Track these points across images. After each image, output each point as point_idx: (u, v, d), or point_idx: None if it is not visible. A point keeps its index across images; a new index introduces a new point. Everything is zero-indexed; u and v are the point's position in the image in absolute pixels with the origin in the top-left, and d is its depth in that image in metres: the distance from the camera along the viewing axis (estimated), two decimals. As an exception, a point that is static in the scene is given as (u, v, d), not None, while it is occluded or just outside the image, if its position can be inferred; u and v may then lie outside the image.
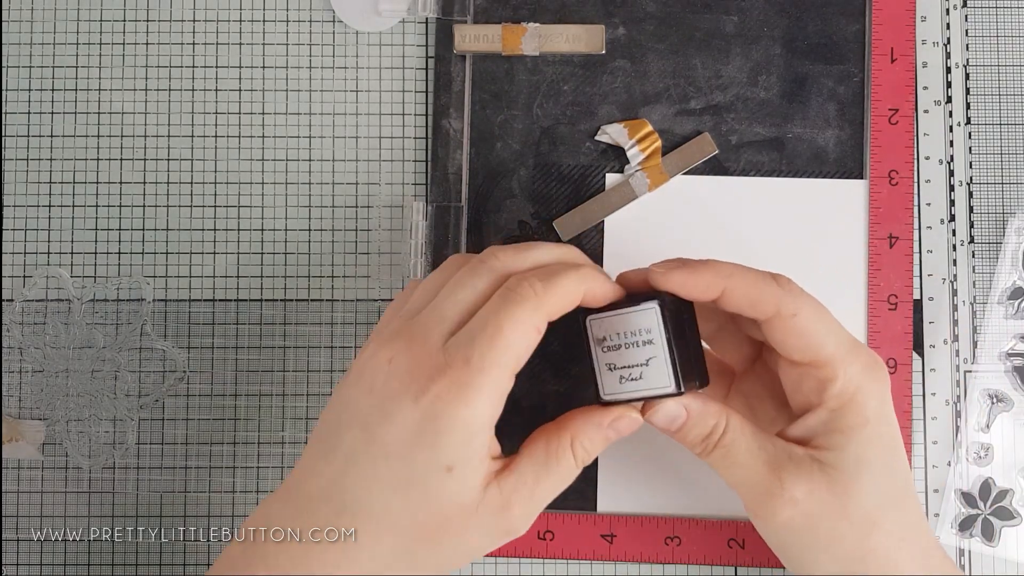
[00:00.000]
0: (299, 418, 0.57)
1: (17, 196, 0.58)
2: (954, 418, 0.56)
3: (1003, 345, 0.56)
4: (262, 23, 0.58)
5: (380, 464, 0.43)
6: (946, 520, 0.55)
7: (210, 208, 0.58)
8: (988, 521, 0.55)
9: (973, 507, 0.55)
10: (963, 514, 0.55)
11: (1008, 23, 0.57)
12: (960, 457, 0.56)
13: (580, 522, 0.55)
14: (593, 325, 0.46)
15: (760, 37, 0.57)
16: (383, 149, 0.58)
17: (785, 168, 0.57)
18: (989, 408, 0.56)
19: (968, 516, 0.55)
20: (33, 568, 0.56)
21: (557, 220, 0.57)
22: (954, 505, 0.55)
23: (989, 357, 0.56)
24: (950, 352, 0.56)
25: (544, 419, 0.56)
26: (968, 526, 0.55)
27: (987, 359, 0.56)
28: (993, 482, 0.55)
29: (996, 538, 0.55)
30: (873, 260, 0.56)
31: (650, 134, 0.57)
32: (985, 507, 0.55)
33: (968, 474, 0.56)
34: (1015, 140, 0.57)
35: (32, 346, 0.57)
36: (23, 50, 0.58)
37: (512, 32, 0.57)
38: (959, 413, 0.56)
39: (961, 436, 0.56)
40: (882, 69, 0.57)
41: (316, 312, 0.57)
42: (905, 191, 0.56)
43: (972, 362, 0.56)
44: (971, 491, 0.55)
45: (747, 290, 0.45)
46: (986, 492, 0.55)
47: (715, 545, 0.55)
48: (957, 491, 0.55)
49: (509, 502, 0.45)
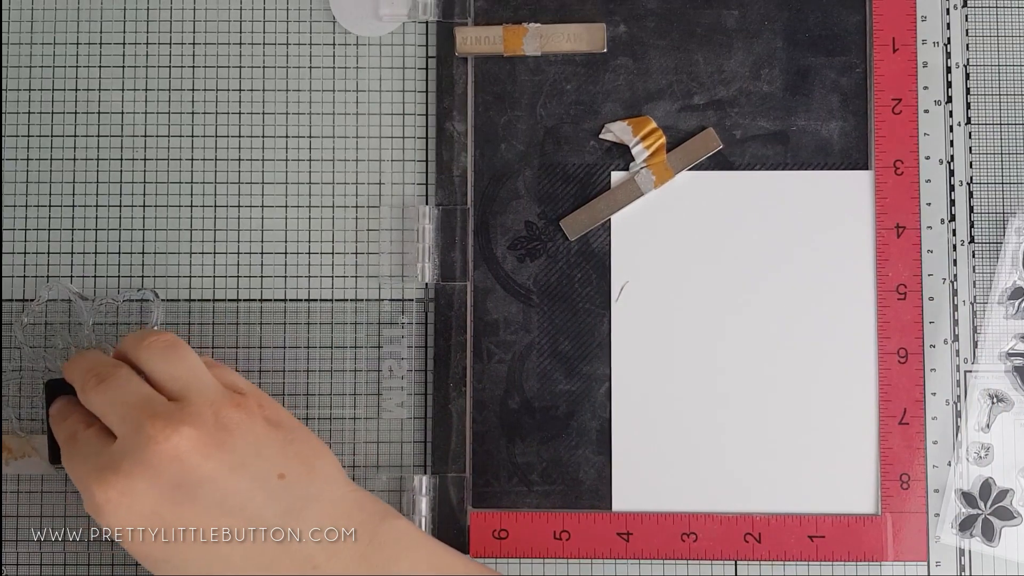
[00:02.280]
0: (299, 418, 0.56)
1: (17, 196, 0.57)
2: (954, 418, 0.56)
3: (1003, 345, 0.56)
4: (262, 23, 0.58)
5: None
6: (946, 520, 0.55)
7: (210, 208, 0.58)
8: (988, 521, 0.55)
9: (973, 507, 0.55)
10: (963, 514, 0.55)
11: (1008, 23, 0.57)
12: (960, 457, 0.56)
13: (596, 521, 0.55)
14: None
15: (761, 31, 0.57)
16: (384, 150, 0.58)
17: (790, 161, 0.57)
18: (989, 408, 0.56)
19: (968, 516, 0.55)
20: (33, 568, 0.56)
21: (563, 220, 0.57)
22: (954, 505, 0.55)
23: (989, 357, 0.56)
24: (950, 352, 0.56)
25: (556, 419, 0.56)
26: (968, 526, 0.55)
27: (987, 359, 0.56)
28: (993, 482, 0.56)
29: (996, 538, 0.55)
30: (881, 250, 0.56)
31: (654, 131, 0.57)
32: (985, 507, 0.55)
33: (968, 474, 0.56)
34: (1015, 140, 0.57)
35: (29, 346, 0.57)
36: (23, 50, 0.58)
37: (513, 33, 0.57)
38: (959, 413, 0.56)
39: (961, 436, 0.56)
40: (884, 59, 0.57)
41: (316, 312, 0.57)
42: (911, 181, 0.56)
43: (972, 362, 0.56)
44: (971, 491, 0.56)
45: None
46: (986, 492, 0.56)
47: (732, 540, 0.55)
48: (957, 491, 0.56)
49: None
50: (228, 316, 0.57)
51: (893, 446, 0.55)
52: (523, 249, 0.57)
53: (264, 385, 0.57)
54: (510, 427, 0.56)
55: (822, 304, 0.56)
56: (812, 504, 0.55)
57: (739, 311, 0.56)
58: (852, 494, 0.55)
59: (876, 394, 0.56)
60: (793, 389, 0.56)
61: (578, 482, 0.56)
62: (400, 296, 0.57)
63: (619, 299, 0.56)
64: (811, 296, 0.56)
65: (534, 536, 0.55)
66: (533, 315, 0.57)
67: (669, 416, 0.56)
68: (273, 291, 0.57)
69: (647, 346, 0.56)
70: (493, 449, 0.56)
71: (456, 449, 0.56)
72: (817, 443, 0.56)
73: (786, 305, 0.56)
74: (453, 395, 0.56)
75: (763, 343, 0.56)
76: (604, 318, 0.56)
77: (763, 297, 0.56)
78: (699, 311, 0.56)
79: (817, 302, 0.56)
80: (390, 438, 0.57)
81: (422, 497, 0.56)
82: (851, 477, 0.56)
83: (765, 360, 0.56)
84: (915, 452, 0.56)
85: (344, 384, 0.57)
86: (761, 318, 0.56)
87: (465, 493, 0.56)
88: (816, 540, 0.55)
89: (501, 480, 0.56)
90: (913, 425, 0.55)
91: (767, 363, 0.56)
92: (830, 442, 0.56)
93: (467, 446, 0.56)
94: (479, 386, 0.57)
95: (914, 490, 0.55)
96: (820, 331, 0.56)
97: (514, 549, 0.55)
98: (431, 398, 0.57)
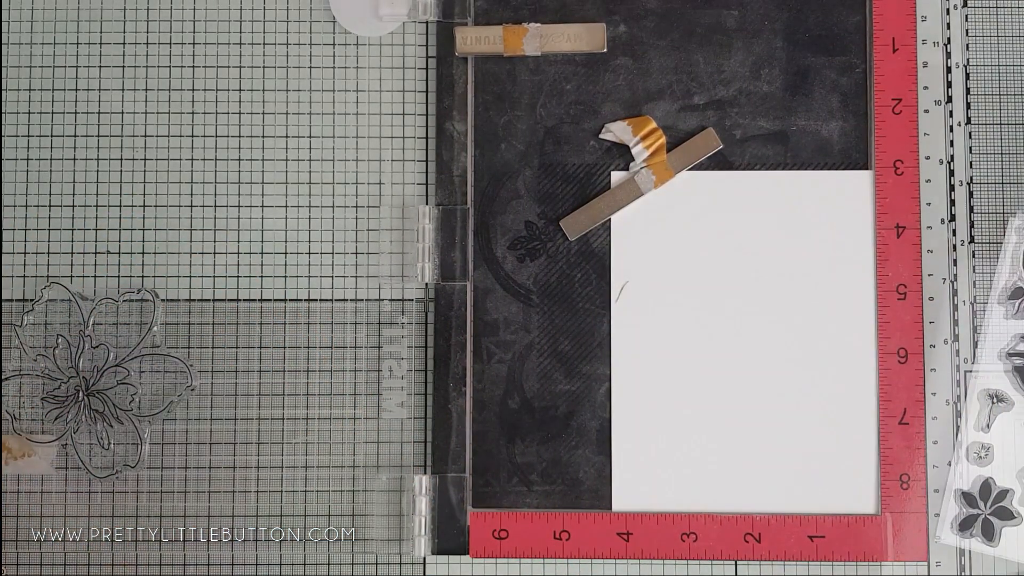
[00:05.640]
0: (299, 418, 0.57)
1: (17, 196, 0.58)
2: (954, 418, 0.56)
3: (1003, 345, 0.56)
4: (262, 23, 0.58)
5: None
6: (946, 520, 0.55)
7: (210, 208, 0.58)
8: (988, 521, 0.55)
9: (973, 507, 0.55)
10: (963, 514, 0.55)
11: (1008, 23, 0.57)
12: (960, 457, 0.56)
13: (596, 521, 0.56)
14: None
15: (761, 31, 0.57)
16: (384, 150, 0.58)
17: (790, 161, 0.57)
18: (989, 408, 0.56)
19: (968, 516, 0.55)
20: (33, 568, 0.56)
21: (563, 220, 0.57)
22: (954, 505, 0.55)
23: (989, 357, 0.56)
24: (950, 352, 0.56)
25: (555, 419, 0.56)
26: (968, 526, 0.55)
27: (987, 359, 0.56)
28: (993, 482, 0.56)
29: (996, 538, 0.55)
30: (880, 250, 0.56)
31: (654, 131, 0.57)
32: (985, 507, 0.55)
33: (968, 474, 0.56)
34: (1015, 140, 0.57)
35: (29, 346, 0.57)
36: (23, 50, 0.58)
37: (513, 33, 0.57)
38: (959, 413, 0.56)
39: (961, 436, 0.56)
40: (884, 59, 0.57)
41: (316, 312, 0.57)
42: (910, 181, 0.56)
43: (972, 362, 0.56)
44: (971, 491, 0.56)
45: None
46: (986, 492, 0.56)
47: (732, 540, 0.55)
48: (957, 491, 0.56)
49: None
50: (228, 316, 0.57)
51: (893, 446, 0.55)
52: (523, 249, 0.57)
53: (264, 385, 0.57)
54: (510, 427, 0.56)
55: (822, 304, 0.56)
56: (812, 504, 0.55)
57: (739, 311, 0.56)
58: (852, 494, 0.56)
59: (876, 394, 0.56)
60: (793, 389, 0.56)
61: (578, 482, 0.56)
62: (400, 296, 0.57)
63: (619, 299, 0.56)
64: (811, 296, 0.56)
65: (534, 536, 0.55)
66: (533, 315, 0.57)
67: (669, 416, 0.56)
68: (273, 291, 0.57)
69: (647, 346, 0.56)
70: (493, 449, 0.56)
71: (456, 449, 0.56)
72: (817, 443, 0.56)
73: (786, 305, 0.56)
74: (453, 395, 0.56)
75: (763, 343, 0.56)
76: (604, 318, 0.56)
77: (763, 297, 0.56)
78: (699, 311, 0.56)
79: (817, 302, 0.56)
80: (390, 438, 0.57)
81: (422, 497, 0.56)
82: (851, 477, 0.56)
83: (765, 360, 0.56)
84: (915, 452, 0.56)
85: (344, 384, 0.57)
86: (761, 318, 0.56)
87: (465, 493, 0.56)
88: (816, 540, 0.55)
89: (501, 480, 0.56)
90: (913, 425, 0.55)
91: (767, 363, 0.56)
92: (830, 442, 0.56)
93: (467, 446, 0.56)
94: (479, 386, 0.57)
95: (914, 490, 0.55)
96: (820, 331, 0.56)
97: (514, 549, 0.55)
98: (431, 398, 0.57)
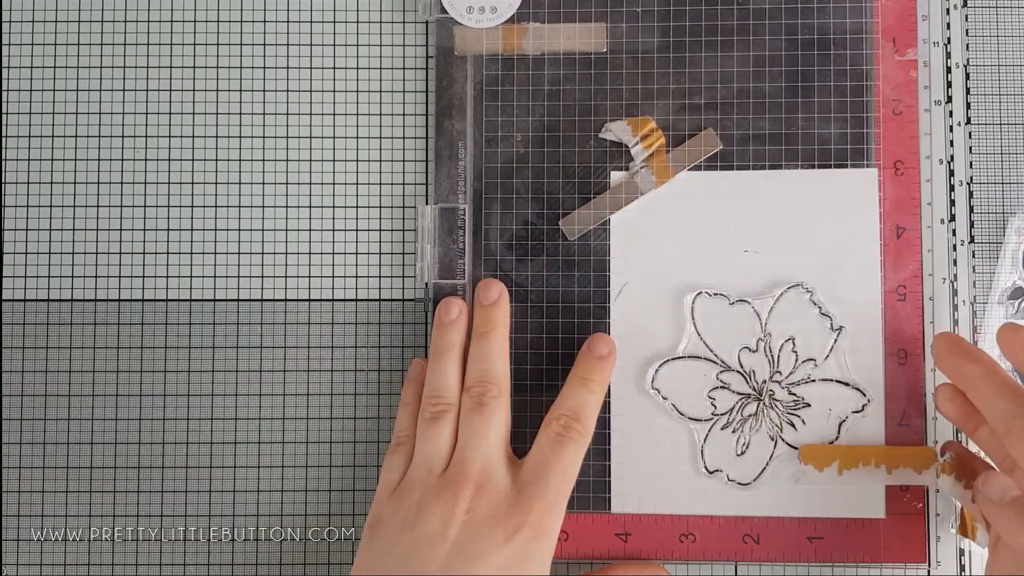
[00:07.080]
0: (299, 418, 0.57)
1: (17, 196, 0.58)
2: (954, 418, 0.56)
3: (1003, 345, 0.56)
4: (262, 23, 0.58)
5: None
6: (946, 520, 0.55)
7: (210, 208, 0.58)
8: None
9: (973, 507, 0.55)
10: (963, 514, 0.55)
11: (1008, 23, 0.57)
12: (960, 457, 0.56)
13: (594, 522, 0.56)
14: None
15: (761, 30, 0.57)
16: (384, 150, 0.58)
17: (790, 161, 0.57)
18: (989, 408, 0.56)
19: (968, 516, 0.55)
20: (33, 568, 0.56)
21: (563, 219, 0.57)
22: (954, 505, 0.55)
23: (989, 357, 0.56)
24: (950, 352, 0.56)
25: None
26: (968, 526, 0.55)
27: (987, 359, 0.56)
28: (993, 482, 0.55)
29: (996, 538, 0.55)
30: (880, 250, 0.56)
31: (654, 131, 0.57)
32: (985, 507, 0.55)
33: (968, 474, 0.56)
34: (1015, 140, 0.57)
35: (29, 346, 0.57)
36: (23, 50, 0.58)
37: (513, 32, 0.57)
38: (959, 413, 0.56)
39: (962, 436, 0.56)
40: (885, 60, 0.57)
41: (316, 312, 0.57)
42: (911, 182, 0.56)
43: (972, 362, 0.56)
44: (971, 491, 0.56)
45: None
46: (986, 492, 0.55)
47: (731, 541, 0.55)
48: (957, 491, 0.56)
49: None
50: (228, 316, 0.57)
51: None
52: (523, 249, 0.57)
53: (264, 385, 0.57)
54: (518, 429, 0.56)
55: (822, 304, 0.56)
56: (811, 506, 0.55)
57: (738, 311, 0.56)
58: (852, 495, 0.55)
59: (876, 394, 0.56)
60: (793, 388, 0.56)
61: (577, 483, 0.56)
62: (400, 296, 0.57)
63: (619, 299, 0.56)
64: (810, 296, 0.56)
65: (534, 536, 0.55)
66: (532, 315, 0.57)
67: (669, 416, 0.56)
68: (273, 291, 0.57)
69: (647, 346, 0.56)
70: (493, 449, 0.56)
71: (456, 449, 0.56)
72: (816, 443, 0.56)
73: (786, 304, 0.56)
74: (453, 395, 0.56)
75: (762, 343, 0.56)
76: (604, 318, 0.56)
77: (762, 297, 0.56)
78: (699, 311, 0.56)
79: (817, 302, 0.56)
80: (391, 438, 0.57)
81: (422, 497, 0.56)
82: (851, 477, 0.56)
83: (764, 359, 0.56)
84: (915, 452, 0.56)
85: (344, 384, 0.57)
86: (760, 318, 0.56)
87: (465, 493, 0.56)
88: (815, 541, 0.55)
89: (501, 480, 0.56)
90: (913, 426, 0.55)
91: (766, 362, 0.56)
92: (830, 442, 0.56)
93: (467, 446, 0.56)
94: (479, 386, 0.57)
95: (914, 490, 0.55)
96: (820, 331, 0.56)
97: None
98: (431, 398, 0.57)
